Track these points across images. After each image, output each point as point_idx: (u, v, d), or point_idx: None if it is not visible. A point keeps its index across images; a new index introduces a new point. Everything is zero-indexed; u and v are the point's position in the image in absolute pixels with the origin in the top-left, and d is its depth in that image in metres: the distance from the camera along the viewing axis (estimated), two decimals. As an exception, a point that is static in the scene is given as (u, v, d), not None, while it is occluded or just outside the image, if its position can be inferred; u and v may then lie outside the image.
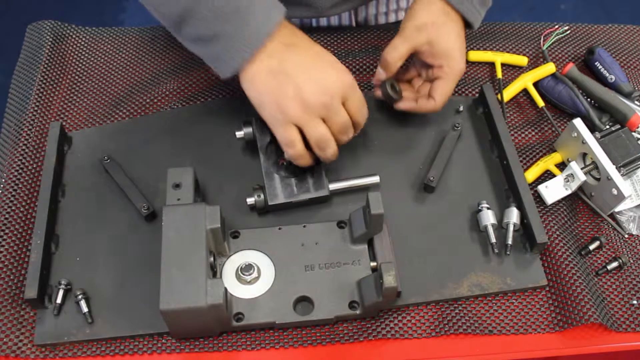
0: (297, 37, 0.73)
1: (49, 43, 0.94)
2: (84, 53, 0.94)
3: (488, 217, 0.77)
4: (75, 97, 0.89)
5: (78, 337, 0.69)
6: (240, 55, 0.69)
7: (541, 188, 0.79)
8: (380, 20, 1.07)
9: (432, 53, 0.79)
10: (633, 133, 0.82)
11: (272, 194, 0.77)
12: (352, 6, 0.98)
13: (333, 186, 0.79)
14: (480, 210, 0.78)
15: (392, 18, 1.07)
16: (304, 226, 0.75)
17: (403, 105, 0.84)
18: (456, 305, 0.73)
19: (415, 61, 0.85)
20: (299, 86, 0.69)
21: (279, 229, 0.75)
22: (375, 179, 0.80)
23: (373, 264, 0.73)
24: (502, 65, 0.95)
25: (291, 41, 0.71)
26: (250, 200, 0.76)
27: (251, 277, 0.71)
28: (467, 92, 0.92)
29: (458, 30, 0.80)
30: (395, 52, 0.79)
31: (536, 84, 0.93)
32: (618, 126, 0.82)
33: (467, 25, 0.82)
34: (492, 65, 0.96)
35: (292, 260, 0.72)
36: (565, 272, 0.75)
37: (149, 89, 0.90)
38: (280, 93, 0.69)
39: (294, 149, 0.72)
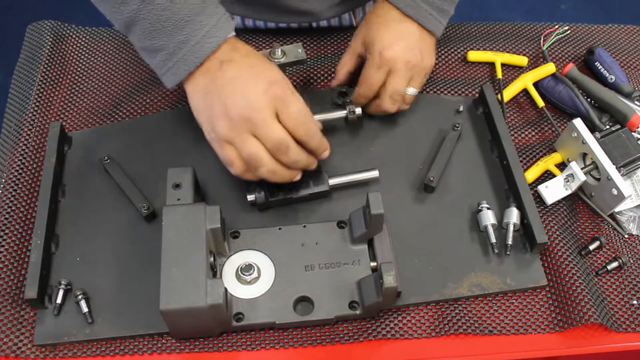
0: (236, 51, 0.70)
1: (49, 43, 0.94)
2: (84, 53, 0.94)
3: (488, 217, 0.77)
4: (75, 97, 0.89)
5: (78, 337, 0.69)
6: (178, 72, 0.69)
7: (541, 188, 0.79)
8: None
9: (366, 49, 0.80)
10: (633, 133, 0.83)
11: (273, 189, 0.77)
12: (348, 8, 0.97)
13: (333, 181, 0.79)
14: (480, 210, 0.78)
15: None
16: (304, 226, 0.75)
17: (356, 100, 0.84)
18: (456, 305, 0.73)
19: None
20: (225, 103, 0.67)
21: (279, 229, 0.75)
22: (375, 173, 0.80)
23: (373, 264, 0.72)
24: (502, 65, 0.95)
25: (228, 57, 0.69)
26: (251, 197, 0.76)
27: (251, 277, 0.71)
28: (467, 92, 0.92)
29: (404, 27, 0.78)
30: (341, 63, 0.84)
31: (536, 84, 0.93)
32: (618, 126, 0.82)
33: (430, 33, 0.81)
34: (492, 65, 0.96)
35: (292, 260, 0.72)
36: (565, 272, 0.75)
37: (149, 89, 0.90)
38: (211, 112, 0.68)
39: (233, 168, 0.70)
